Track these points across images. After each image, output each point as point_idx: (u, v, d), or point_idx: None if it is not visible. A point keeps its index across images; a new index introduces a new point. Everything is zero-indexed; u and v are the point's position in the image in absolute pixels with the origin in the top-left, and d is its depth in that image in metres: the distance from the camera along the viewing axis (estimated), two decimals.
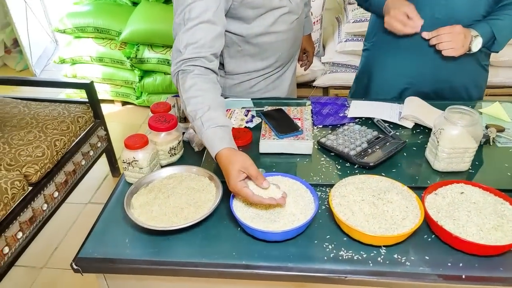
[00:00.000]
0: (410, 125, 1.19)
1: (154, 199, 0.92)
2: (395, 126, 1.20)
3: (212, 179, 0.97)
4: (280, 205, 0.87)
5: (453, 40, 1.15)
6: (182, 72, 1.01)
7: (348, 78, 2.58)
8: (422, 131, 1.18)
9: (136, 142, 0.99)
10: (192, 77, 0.99)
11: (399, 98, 1.40)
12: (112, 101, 3.01)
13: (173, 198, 0.92)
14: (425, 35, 1.19)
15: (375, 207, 0.85)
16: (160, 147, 1.06)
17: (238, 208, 0.89)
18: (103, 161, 2.22)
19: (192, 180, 0.97)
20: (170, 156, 1.09)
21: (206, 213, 0.87)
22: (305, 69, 1.55)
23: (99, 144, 2.07)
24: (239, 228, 0.89)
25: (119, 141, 2.69)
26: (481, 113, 1.26)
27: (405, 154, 1.09)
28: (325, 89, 2.84)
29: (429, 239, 0.85)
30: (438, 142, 0.98)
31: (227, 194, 0.92)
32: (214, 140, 0.92)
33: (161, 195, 0.93)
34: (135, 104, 2.96)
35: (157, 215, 0.88)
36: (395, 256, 0.82)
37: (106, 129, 2.13)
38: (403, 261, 0.81)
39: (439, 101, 1.29)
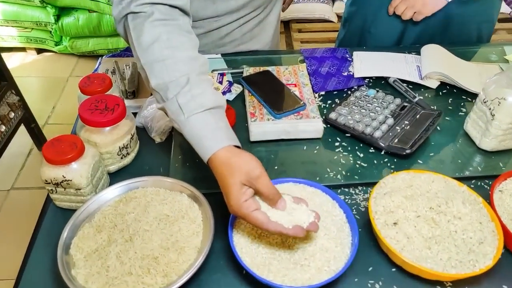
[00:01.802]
0: (434, 84, 0.92)
1: (108, 244, 0.59)
2: (414, 85, 0.92)
3: (194, 196, 0.66)
4: (309, 236, 0.59)
5: (409, 5, 1.02)
6: (134, 17, 0.64)
7: (313, 9, 2.23)
8: (450, 91, 0.92)
9: (65, 151, 0.63)
10: (152, 25, 0.63)
11: (398, 43, 1.12)
12: (23, 49, 2.41)
13: (139, 240, 0.59)
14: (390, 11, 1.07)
15: (437, 227, 0.60)
16: (104, 149, 0.71)
17: (242, 243, 0.59)
18: (22, 131, 1.75)
19: (163, 203, 0.65)
20: (121, 158, 0.74)
21: (197, 263, 0.57)
22: (283, 10, 1.18)
23: (11, 115, 1.60)
24: (244, 272, 0.60)
25: (41, 102, 2.18)
26: (507, 60, 1.02)
27: (438, 128, 0.83)
28: (286, 24, 2.47)
29: (508, 259, 0.63)
30: (493, 115, 0.73)
31: (222, 214, 0.62)
32: (203, 135, 0.59)
33: (119, 236, 0.60)
34: (55, 52, 2.39)
35: (118, 276, 0.56)
36: None
37: (18, 93, 1.65)
38: None
39: (446, 44, 1.02)
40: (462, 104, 0.89)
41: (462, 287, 0.59)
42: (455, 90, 0.92)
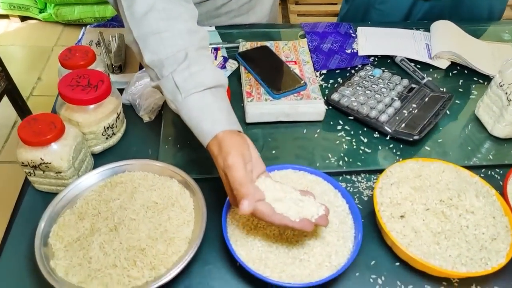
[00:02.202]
0: (444, 65, 0.86)
1: (91, 233, 0.54)
2: (422, 65, 0.87)
3: (185, 182, 0.61)
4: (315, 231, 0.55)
5: None
6: None
7: None
8: (460, 72, 0.87)
9: (42, 131, 0.57)
10: None
11: (406, 19, 1.06)
12: (6, 17, 2.29)
13: (125, 229, 0.54)
14: None
15: (448, 221, 0.56)
16: (87, 129, 0.65)
17: (237, 234, 0.55)
18: (6, 103, 1.67)
19: (152, 189, 0.60)
20: (107, 138, 0.68)
21: (187, 256, 0.52)
22: None
23: None
24: (238, 264, 0.56)
25: (25, 72, 2.08)
26: None
27: (447, 112, 0.78)
28: None
29: None
30: (509, 100, 0.68)
31: (215, 202, 0.57)
32: (203, 117, 0.53)
33: (103, 225, 0.55)
34: (39, 20, 2.27)
35: (101, 269, 0.51)
36: (473, 287, 0.55)
37: (0, 63, 1.55)
38: None
39: (455, 21, 0.95)
40: (473, 86, 0.84)
41: (470, 284, 0.55)
42: (466, 71, 0.86)
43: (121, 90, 0.76)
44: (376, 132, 0.73)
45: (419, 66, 0.86)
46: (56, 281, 0.49)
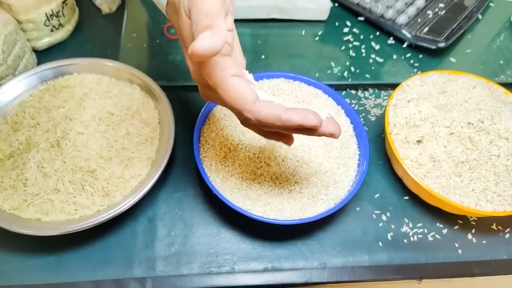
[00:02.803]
0: None
1: (27, 148, 0.43)
2: None
3: (149, 90, 0.48)
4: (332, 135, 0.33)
5: None
6: None
7: None
8: None
9: None
10: None
11: None
12: None
13: (70, 146, 0.43)
14: None
15: (475, 148, 0.45)
16: (23, 16, 0.50)
17: (212, 155, 0.44)
18: None
19: (106, 96, 0.47)
20: (52, 30, 0.53)
21: (150, 181, 0.41)
22: None
23: None
24: (213, 193, 0.45)
25: None
26: None
27: (479, 16, 0.63)
28: None
29: None
30: None
31: (186, 115, 0.46)
32: None
33: (42, 138, 0.43)
34: None
35: (39, 193, 0.40)
36: (494, 227, 0.47)
37: None
38: (507, 237, 0.46)
39: None
40: None
41: (490, 224, 0.47)
42: None
43: None
44: (391, 38, 0.59)
45: None
46: None
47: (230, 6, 0.31)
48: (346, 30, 0.60)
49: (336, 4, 0.62)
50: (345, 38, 0.59)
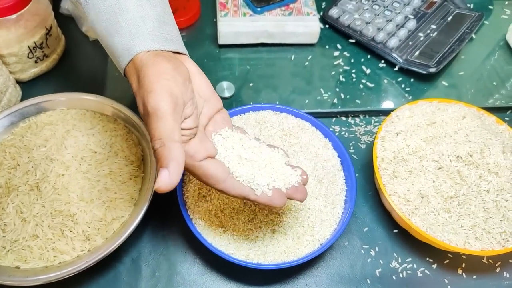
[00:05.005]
0: None
1: (6, 192, 0.42)
2: None
3: (133, 125, 0.47)
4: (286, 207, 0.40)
5: None
6: None
7: None
8: None
9: None
10: None
11: None
12: None
13: (50, 188, 0.42)
14: None
15: (464, 183, 0.44)
16: (5, 50, 0.49)
17: (195, 196, 0.43)
18: None
19: (89, 132, 0.46)
20: (36, 62, 0.53)
21: (132, 223, 0.40)
22: None
23: None
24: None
25: None
26: None
27: (473, 36, 0.62)
28: None
29: None
30: None
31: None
32: (117, 26, 0.33)
33: (21, 181, 0.42)
34: None
35: (18, 239, 0.40)
36: (484, 261, 0.46)
37: None
38: (506, 275, 0.45)
39: None
40: (505, 3, 0.67)
41: (481, 258, 0.46)
42: None
43: None
44: (383, 61, 0.58)
45: None
46: None
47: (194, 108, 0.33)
48: (336, 53, 0.59)
49: (327, 26, 0.61)
50: (335, 62, 0.58)
